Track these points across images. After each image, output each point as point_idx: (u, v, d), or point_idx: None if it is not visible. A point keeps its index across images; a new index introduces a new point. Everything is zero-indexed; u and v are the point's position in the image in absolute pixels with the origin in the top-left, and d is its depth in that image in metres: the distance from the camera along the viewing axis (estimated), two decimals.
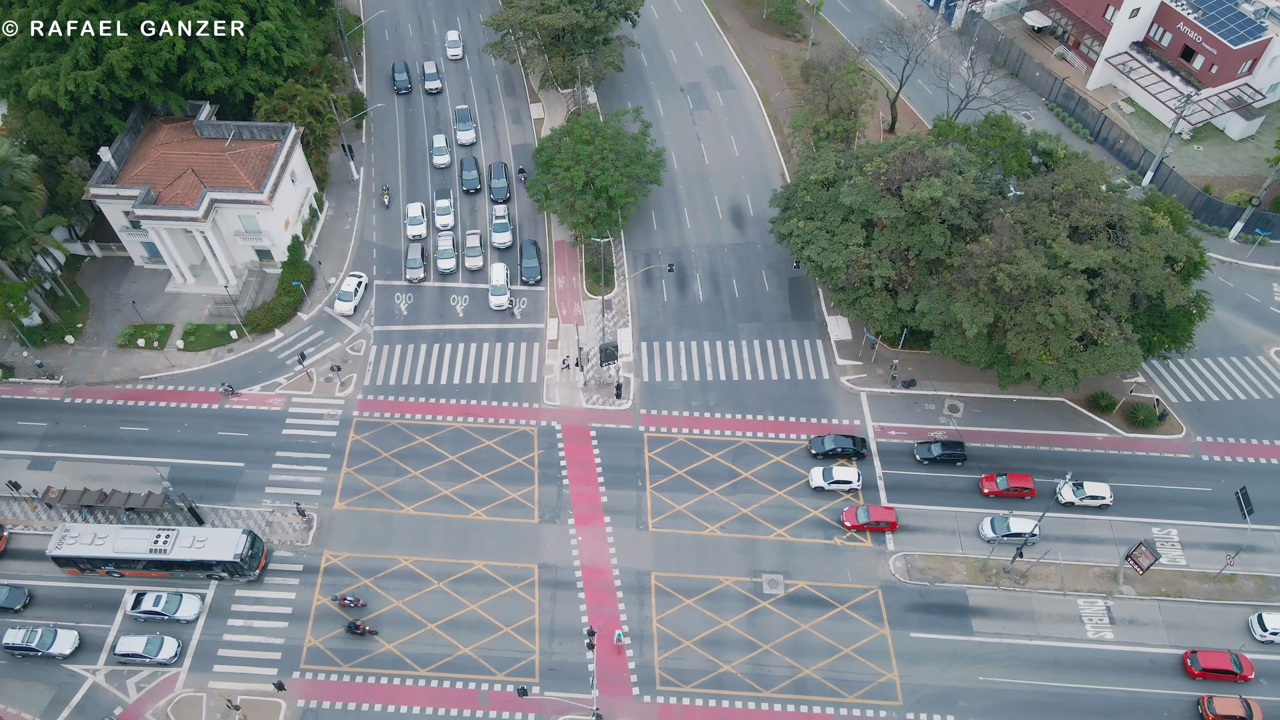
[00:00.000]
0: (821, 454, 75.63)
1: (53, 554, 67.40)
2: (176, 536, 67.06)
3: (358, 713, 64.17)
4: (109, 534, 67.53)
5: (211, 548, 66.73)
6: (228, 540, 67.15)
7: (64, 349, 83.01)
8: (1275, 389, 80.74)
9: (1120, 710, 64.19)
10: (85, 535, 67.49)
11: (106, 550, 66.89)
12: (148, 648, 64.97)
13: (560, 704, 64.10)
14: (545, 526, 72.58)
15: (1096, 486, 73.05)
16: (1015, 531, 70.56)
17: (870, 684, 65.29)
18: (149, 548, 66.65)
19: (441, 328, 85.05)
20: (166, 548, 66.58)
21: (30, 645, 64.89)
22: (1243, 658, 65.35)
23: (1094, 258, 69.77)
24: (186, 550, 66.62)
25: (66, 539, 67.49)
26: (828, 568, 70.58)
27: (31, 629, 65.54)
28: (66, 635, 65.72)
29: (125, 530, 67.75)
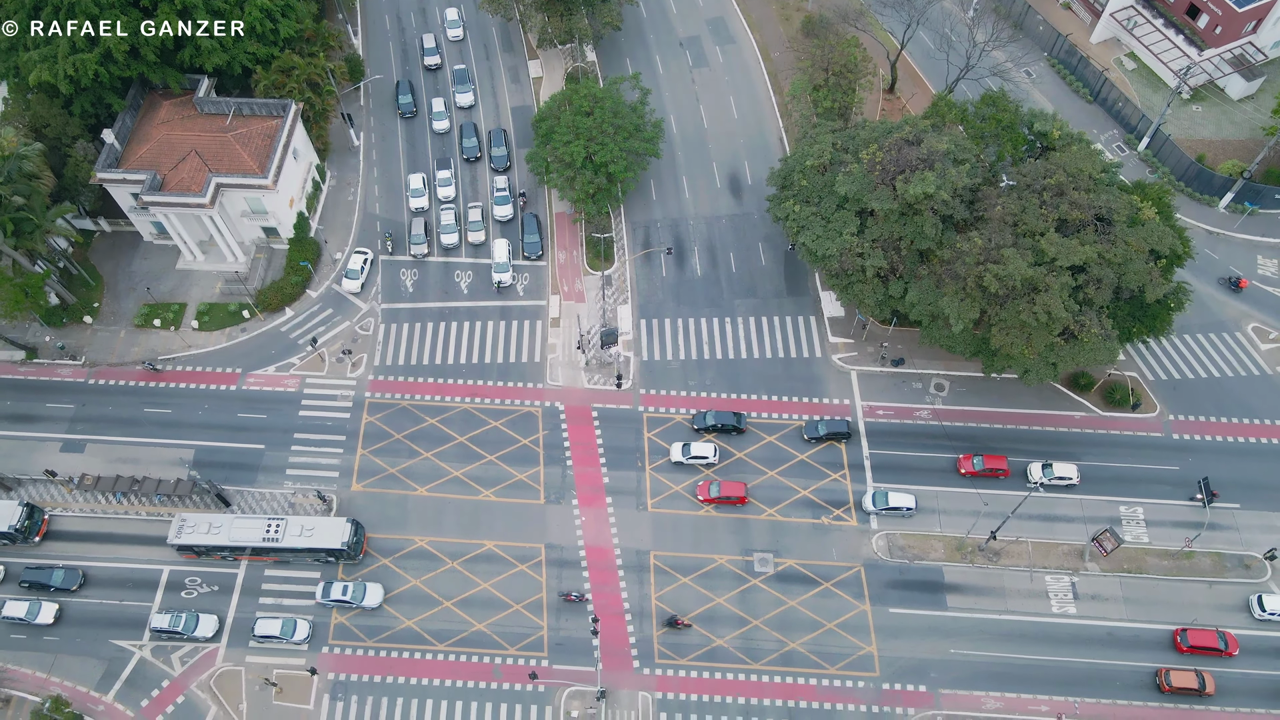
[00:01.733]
0: (703, 428, 79.40)
1: (173, 543, 72.00)
2: (286, 525, 71.60)
3: (383, 684, 70.48)
4: (223, 523, 72.01)
5: (320, 536, 71.60)
6: (335, 529, 71.95)
7: (83, 329, 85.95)
8: (1249, 367, 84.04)
9: (1079, 680, 70.43)
10: (201, 525, 71.95)
11: (222, 539, 71.64)
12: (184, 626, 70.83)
13: (567, 675, 70.30)
14: (551, 507, 77.36)
15: (1065, 467, 77.35)
16: (894, 505, 75.29)
17: (850, 656, 71.38)
18: (262, 536, 71.33)
19: (447, 305, 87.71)
20: (278, 536, 71.28)
21: (176, 629, 70.36)
22: (1229, 635, 70.69)
23: (1080, 254, 71.93)
24: (296, 539, 71.46)
25: (184, 529, 71.98)
26: (815, 547, 75.71)
27: (176, 614, 70.80)
28: (208, 620, 71.04)
29: (239, 520, 72.34)
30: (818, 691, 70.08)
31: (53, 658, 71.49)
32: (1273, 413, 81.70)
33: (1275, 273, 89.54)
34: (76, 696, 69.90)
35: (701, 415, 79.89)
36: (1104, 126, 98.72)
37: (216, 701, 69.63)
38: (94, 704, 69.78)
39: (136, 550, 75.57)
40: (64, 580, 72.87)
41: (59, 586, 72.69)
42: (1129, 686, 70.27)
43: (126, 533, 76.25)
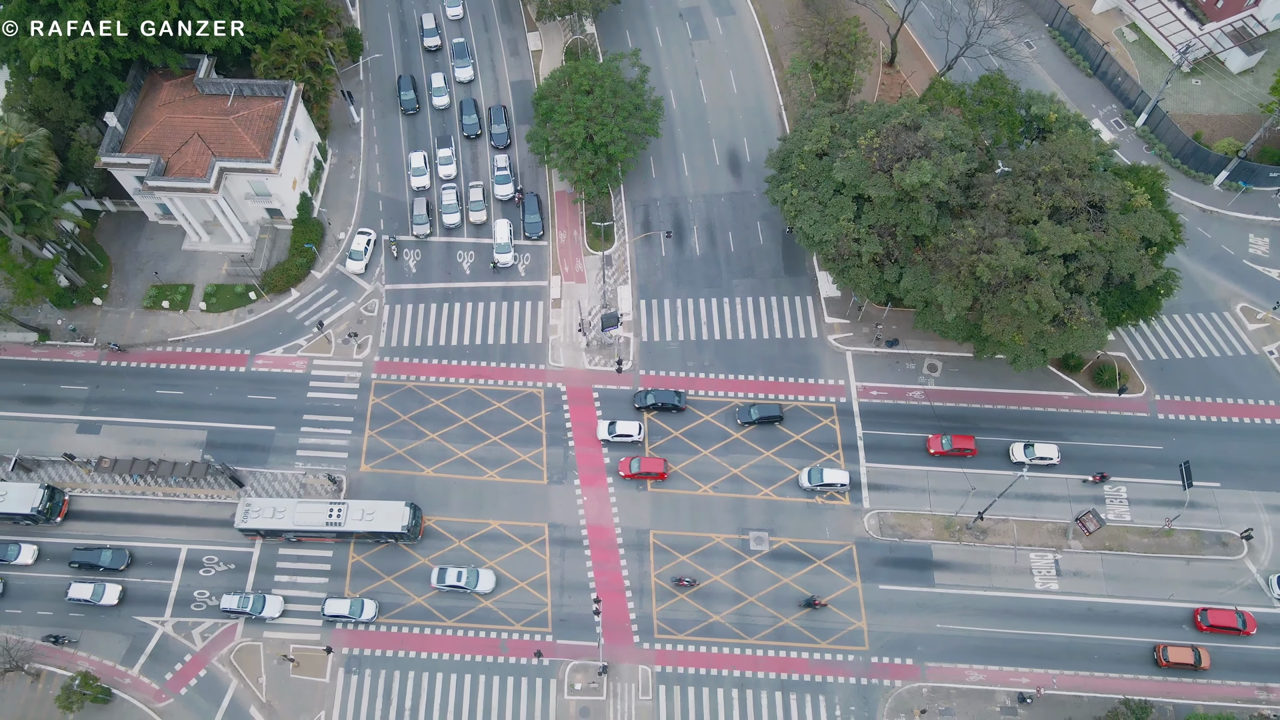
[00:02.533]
0: (642, 407, 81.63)
1: (239, 527, 74.70)
2: (347, 510, 74.20)
3: (395, 658, 73.95)
4: (286, 508, 74.62)
5: (380, 519, 74.38)
6: (395, 513, 74.71)
7: (93, 311, 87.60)
8: (1236, 347, 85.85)
9: (1058, 653, 73.88)
10: (265, 509, 74.56)
11: (287, 523, 74.32)
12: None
13: (571, 650, 73.77)
14: (553, 487, 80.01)
15: (1046, 447, 79.68)
16: (828, 481, 77.91)
17: (841, 631, 74.73)
18: (325, 520, 74.01)
19: (450, 286, 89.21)
20: (341, 521, 73.98)
21: (245, 609, 73.42)
22: (1247, 615, 73.57)
23: (1072, 243, 73.22)
24: (358, 522, 74.14)
25: (250, 513, 74.59)
26: (808, 525, 78.55)
27: (245, 595, 73.81)
28: (274, 600, 74.13)
29: (302, 504, 74.94)
30: (809, 665, 73.59)
31: (79, 632, 74.80)
32: (1257, 392, 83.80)
33: (1266, 252, 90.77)
34: (104, 670, 73.41)
35: (643, 394, 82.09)
36: (1102, 101, 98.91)
37: (237, 675, 73.16)
38: (121, 677, 73.34)
39: (155, 530, 78.36)
40: (112, 560, 75.71)
41: (108, 566, 75.52)
42: (1106, 660, 73.68)
43: (145, 513, 79.01)
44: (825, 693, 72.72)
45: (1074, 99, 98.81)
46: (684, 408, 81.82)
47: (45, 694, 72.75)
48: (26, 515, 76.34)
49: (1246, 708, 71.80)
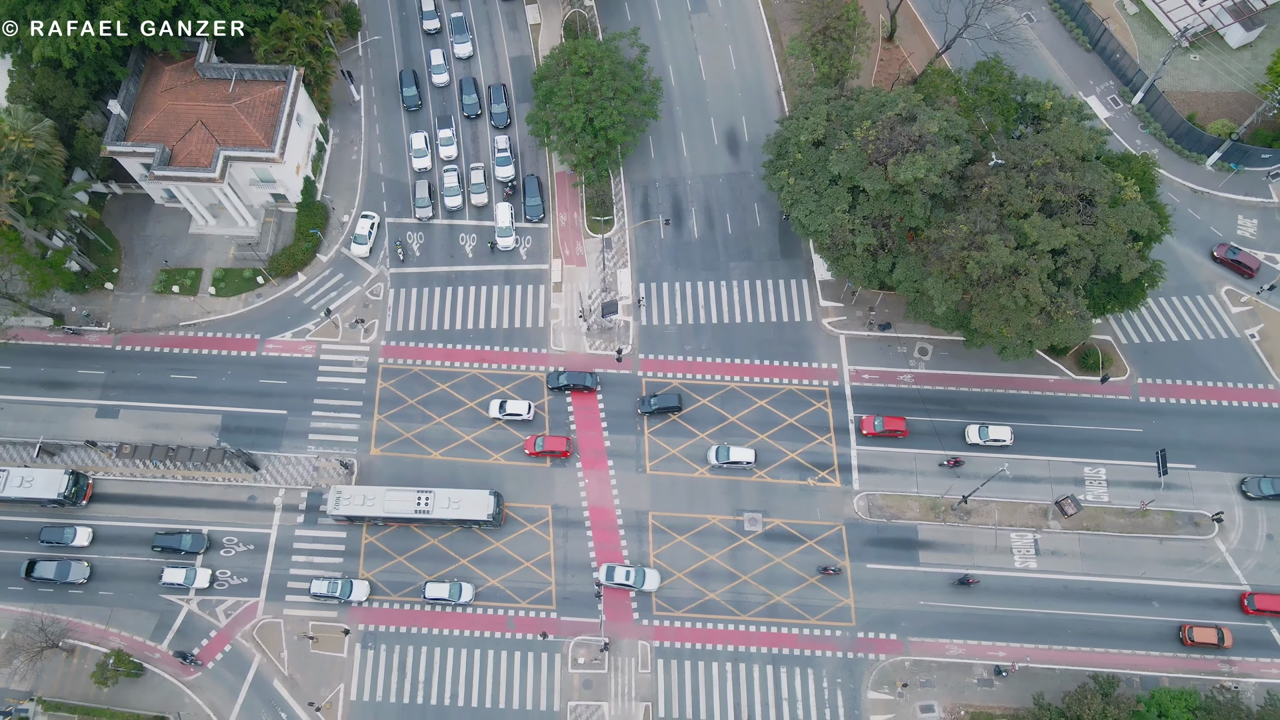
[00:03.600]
0: (556, 387, 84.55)
1: (331, 514, 78.19)
2: (434, 498, 77.61)
3: (409, 634, 78.40)
4: (376, 496, 77.95)
5: (466, 508, 77.91)
6: (479, 501, 78.24)
7: (105, 295, 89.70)
8: (1218, 330, 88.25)
9: (1034, 629, 78.32)
10: (356, 497, 77.91)
11: (376, 510, 77.75)
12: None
13: (574, 626, 78.20)
14: (556, 470, 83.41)
15: (999, 430, 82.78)
16: (734, 459, 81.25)
17: (830, 608, 79.03)
18: (414, 508, 77.48)
19: (453, 269, 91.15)
20: (429, 509, 77.46)
21: (334, 594, 77.28)
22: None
23: (1061, 237, 75.09)
24: (445, 510, 77.65)
25: (341, 501, 77.93)
26: (801, 507, 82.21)
27: (333, 580, 77.59)
28: (361, 585, 77.85)
29: (390, 492, 78.32)
30: (799, 640, 78.08)
31: (109, 611, 79.11)
32: (1236, 375, 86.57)
33: (1254, 234, 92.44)
34: (134, 646, 77.92)
35: (555, 374, 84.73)
36: (1100, 77, 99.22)
37: (260, 650, 77.67)
38: (151, 652, 77.89)
39: (176, 511, 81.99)
40: (192, 544, 79.26)
41: (189, 550, 79.17)
42: (1079, 635, 78.13)
43: (166, 495, 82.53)
44: (814, 666, 77.38)
45: (1072, 74, 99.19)
46: (596, 388, 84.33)
47: (80, 668, 77.37)
48: (53, 500, 79.74)
49: (1210, 679, 76.54)
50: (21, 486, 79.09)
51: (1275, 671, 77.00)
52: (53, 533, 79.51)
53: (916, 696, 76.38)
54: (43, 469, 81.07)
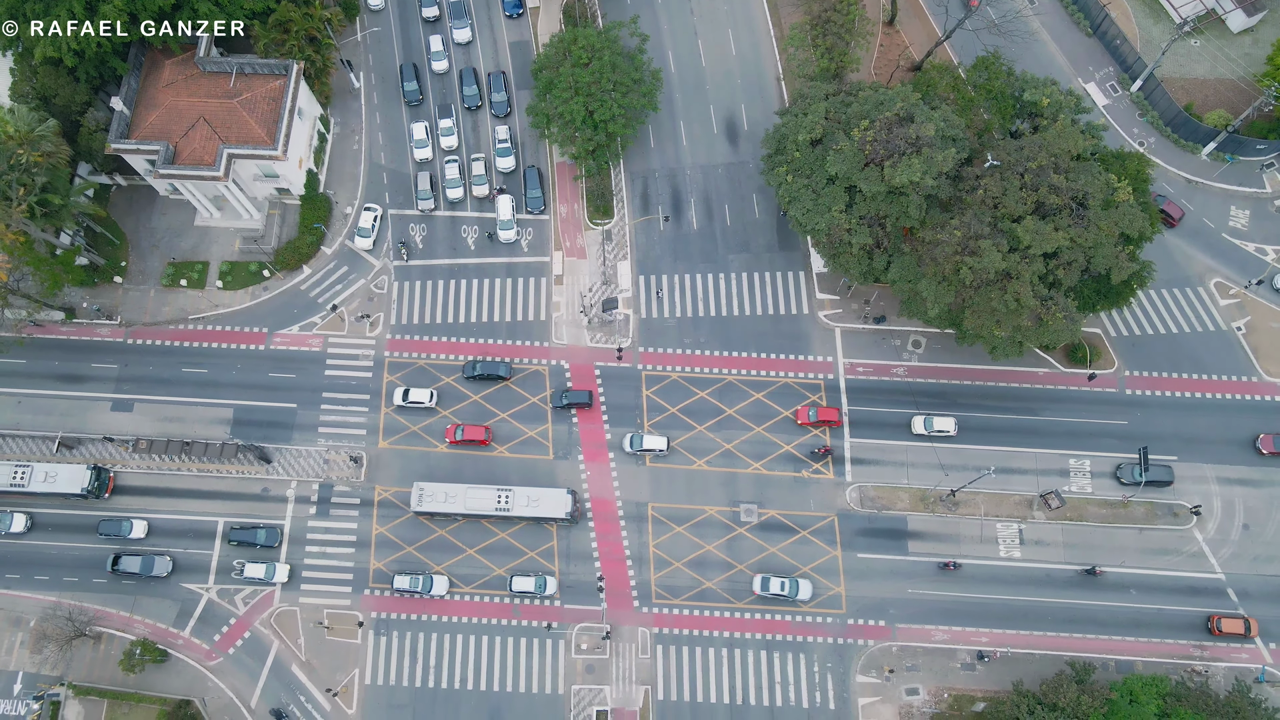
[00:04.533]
0: (472, 376, 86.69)
1: (415, 509, 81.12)
2: (513, 496, 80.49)
3: (419, 621, 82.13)
4: (457, 494, 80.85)
5: (544, 506, 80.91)
6: (558, 500, 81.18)
7: (114, 289, 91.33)
8: (1206, 322, 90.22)
9: (1016, 616, 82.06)
10: (438, 494, 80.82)
11: (458, 508, 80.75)
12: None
13: (577, 614, 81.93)
14: (559, 463, 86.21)
15: (944, 421, 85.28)
16: (648, 447, 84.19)
17: (821, 596, 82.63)
18: (494, 506, 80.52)
19: (456, 262, 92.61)
20: (509, 507, 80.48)
21: (415, 589, 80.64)
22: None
23: (1053, 241, 76.56)
24: (524, 509, 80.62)
25: (424, 498, 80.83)
26: (795, 498, 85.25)
27: (415, 576, 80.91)
28: (441, 580, 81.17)
29: (472, 490, 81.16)
30: (792, 626, 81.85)
31: (133, 599, 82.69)
32: (1222, 368, 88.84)
33: (1245, 225, 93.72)
34: (158, 633, 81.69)
35: (472, 364, 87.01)
36: (1100, 63, 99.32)
37: (278, 637, 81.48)
38: (174, 639, 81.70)
39: (192, 503, 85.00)
40: (266, 538, 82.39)
41: (263, 544, 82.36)
42: (1058, 621, 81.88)
43: (182, 487, 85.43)
44: (805, 651, 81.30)
45: (1072, 60, 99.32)
46: (509, 378, 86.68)
47: (107, 654, 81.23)
48: (77, 494, 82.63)
49: (1181, 663, 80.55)
50: (46, 481, 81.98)
51: (1245, 657, 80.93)
52: (110, 526, 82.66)
53: (903, 680, 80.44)
54: (66, 464, 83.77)
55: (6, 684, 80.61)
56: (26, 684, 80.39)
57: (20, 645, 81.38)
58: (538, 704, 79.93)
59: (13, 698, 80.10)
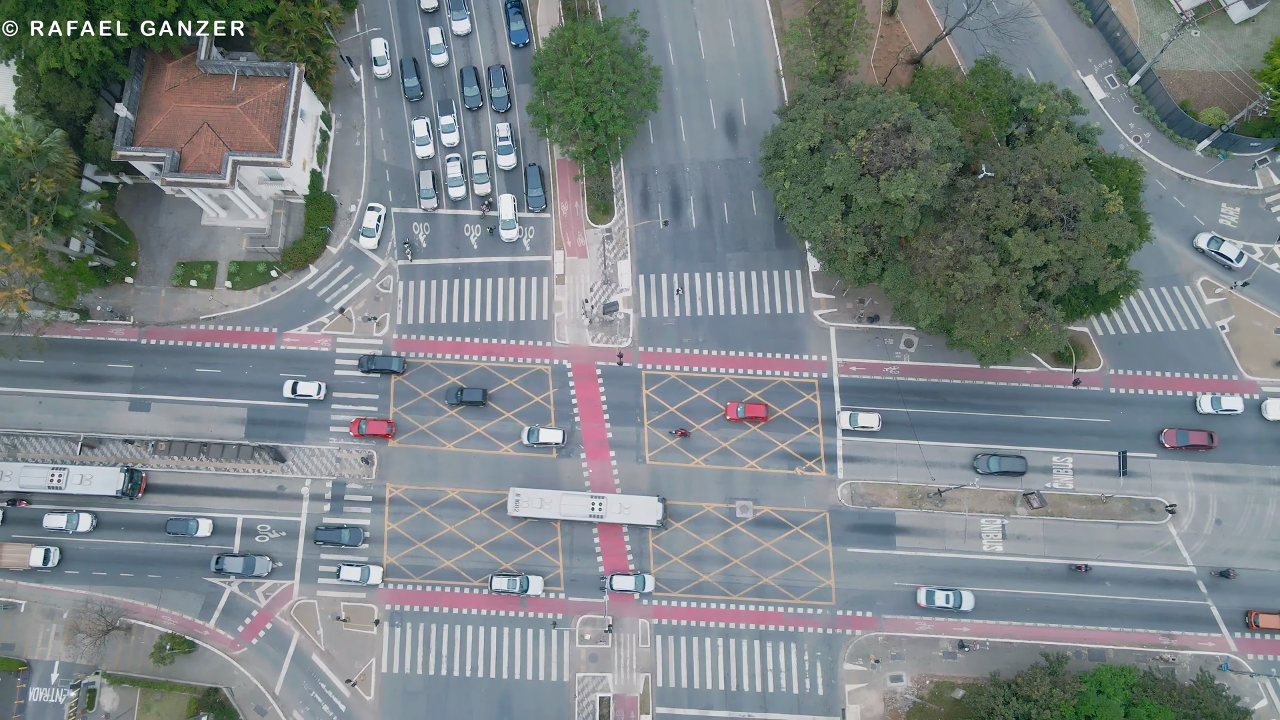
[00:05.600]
0: (370, 370, 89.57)
1: (511, 514, 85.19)
2: (606, 503, 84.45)
3: (431, 613, 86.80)
4: (552, 500, 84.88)
5: (636, 513, 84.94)
6: (649, 507, 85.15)
7: (126, 289, 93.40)
8: (1191, 321, 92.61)
9: (997, 607, 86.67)
10: (533, 500, 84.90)
11: (552, 513, 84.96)
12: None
13: (581, 606, 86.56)
14: (562, 461, 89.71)
15: (868, 417, 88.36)
16: (544, 440, 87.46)
17: (813, 589, 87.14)
18: (588, 513, 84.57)
19: (459, 261, 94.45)
20: (602, 513, 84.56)
21: (515, 590, 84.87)
22: None
23: (1043, 254, 78.54)
24: (616, 515, 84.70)
25: (520, 502, 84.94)
26: (789, 495, 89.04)
27: (513, 577, 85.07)
28: (536, 580, 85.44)
29: (566, 496, 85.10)
30: (784, 617, 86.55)
31: (160, 592, 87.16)
32: (1204, 366, 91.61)
33: (1235, 222, 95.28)
34: (184, 624, 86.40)
35: (370, 358, 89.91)
36: (1099, 55, 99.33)
37: (298, 628, 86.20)
38: (200, 630, 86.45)
39: (214, 501, 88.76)
40: (349, 539, 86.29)
41: (347, 544, 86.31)
42: (1035, 611, 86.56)
43: (203, 485, 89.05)
44: (796, 641, 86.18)
45: (1071, 51, 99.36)
46: (402, 372, 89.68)
47: (138, 644, 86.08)
48: (112, 496, 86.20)
49: (1150, 650, 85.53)
50: (82, 484, 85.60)
51: (1211, 645, 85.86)
52: (178, 525, 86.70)
53: (887, 668, 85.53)
54: (99, 467, 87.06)
55: (44, 673, 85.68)
56: (63, 673, 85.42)
57: (55, 637, 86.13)
58: (544, 691, 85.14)
59: (50, 685, 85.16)
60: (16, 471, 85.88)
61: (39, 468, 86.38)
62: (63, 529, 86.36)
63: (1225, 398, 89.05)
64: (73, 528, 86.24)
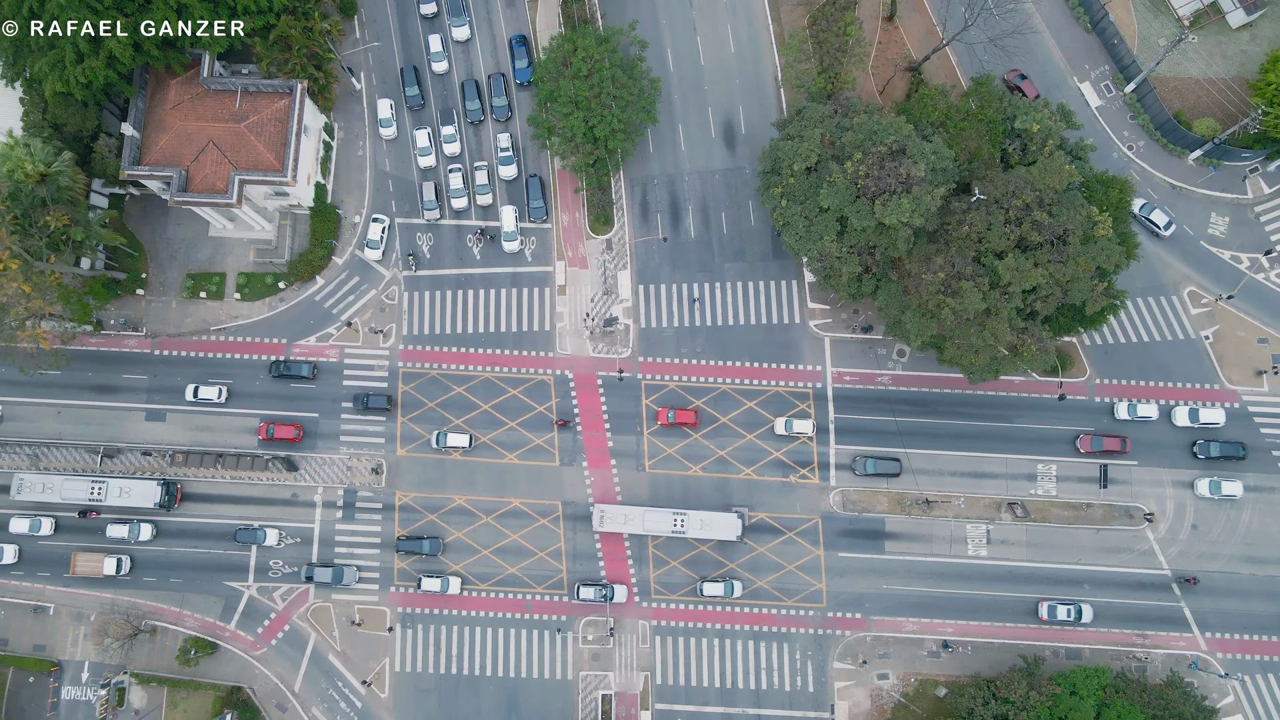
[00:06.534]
0: (281, 375, 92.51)
1: (597, 530, 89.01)
2: (687, 519, 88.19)
3: (441, 615, 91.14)
4: (636, 516, 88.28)
5: (716, 529, 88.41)
6: (729, 523, 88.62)
7: (137, 300, 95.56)
8: (1176, 331, 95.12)
9: (977, 608, 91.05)
10: (617, 516, 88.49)
11: (635, 528, 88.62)
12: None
13: (584, 608, 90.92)
14: (565, 469, 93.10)
15: (802, 424, 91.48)
16: (451, 444, 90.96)
17: (804, 591, 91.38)
18: (670, 529, 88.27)
19: (462, 272, 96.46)
20: (683, 530, 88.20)
21: (599, 598, 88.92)
22: None
23: (1033, 278, 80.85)
24: (697, 531, 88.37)
25: (604, 519, 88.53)
26: (783, 501, 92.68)
27: (598, 587, 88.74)
28: (621, 589, 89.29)
29: (649, 513, 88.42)
30: (777, 618, 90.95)
31: (181, 596, 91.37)
32: (1186, 375, 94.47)
33: (1224, 232, 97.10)
34: (206, 626, 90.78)
35: (277, 363, 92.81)
36: (1096, 61, 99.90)
37: (315, 630, 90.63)
38: (221, 631, 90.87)
39: (232, 508, 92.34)
40: (430, 549, 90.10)
41: (428, 553, 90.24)
42: (1016, 613, 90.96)
43: (220, 494, 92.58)
44: (789, 641, 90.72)
45: (1069, 56, 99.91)
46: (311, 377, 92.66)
47: (163, 645, 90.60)
48: (150, 508, 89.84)
49: (1125, 649, 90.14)
50: (121, 496, 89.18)
51: (1183, 644, 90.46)
52: (246, 534, 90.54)
53: (875, 667, 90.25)
54: (138, 480, 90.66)
55: (75, 673, 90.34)
56: (93, 673, 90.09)
57: (84, 638, 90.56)
58: (549, 688, 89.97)
59: (81, 684, 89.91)
60: (58, 484, 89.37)
61: (80, 480, 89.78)
62: (125, 538, 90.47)
63: (1203, 409, 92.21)
64: (134, 537, 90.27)
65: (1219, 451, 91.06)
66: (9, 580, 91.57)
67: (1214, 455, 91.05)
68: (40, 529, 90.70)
